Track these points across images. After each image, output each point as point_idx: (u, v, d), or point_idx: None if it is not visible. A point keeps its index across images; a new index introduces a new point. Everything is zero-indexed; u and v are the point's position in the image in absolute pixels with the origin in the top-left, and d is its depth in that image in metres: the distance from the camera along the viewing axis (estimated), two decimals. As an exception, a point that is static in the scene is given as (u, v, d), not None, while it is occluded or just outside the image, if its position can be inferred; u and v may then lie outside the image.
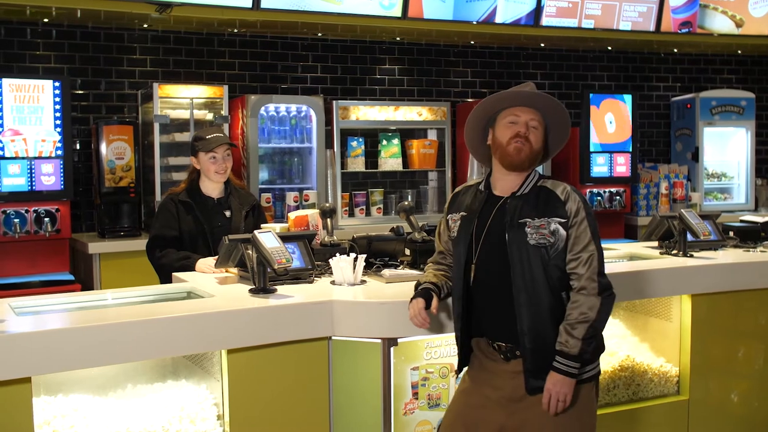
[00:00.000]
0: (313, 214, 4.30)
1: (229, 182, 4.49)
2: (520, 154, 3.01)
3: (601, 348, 3.08)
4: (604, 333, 4.37)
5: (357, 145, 7.69)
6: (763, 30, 8.98)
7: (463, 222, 3.13)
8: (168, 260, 4.24)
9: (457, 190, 3.30)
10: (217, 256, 3.78)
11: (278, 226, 4.21)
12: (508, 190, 3.07)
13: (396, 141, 7.87)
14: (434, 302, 3.14)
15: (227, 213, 4.43)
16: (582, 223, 2.95)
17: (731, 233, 5.05)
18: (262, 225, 4.33)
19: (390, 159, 7.84)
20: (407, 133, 8.04)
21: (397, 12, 7.28)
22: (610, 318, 4.50)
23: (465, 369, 3.20)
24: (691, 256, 4.51)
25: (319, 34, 7.79)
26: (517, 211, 3.00)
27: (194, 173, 4.46)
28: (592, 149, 8.16)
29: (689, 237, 4.55)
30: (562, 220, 2.95)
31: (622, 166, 8.30)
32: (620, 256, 4.82)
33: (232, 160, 4.48)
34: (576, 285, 2.93)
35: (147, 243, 4.37)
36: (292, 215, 4.35)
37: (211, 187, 4.44)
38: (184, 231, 4.32)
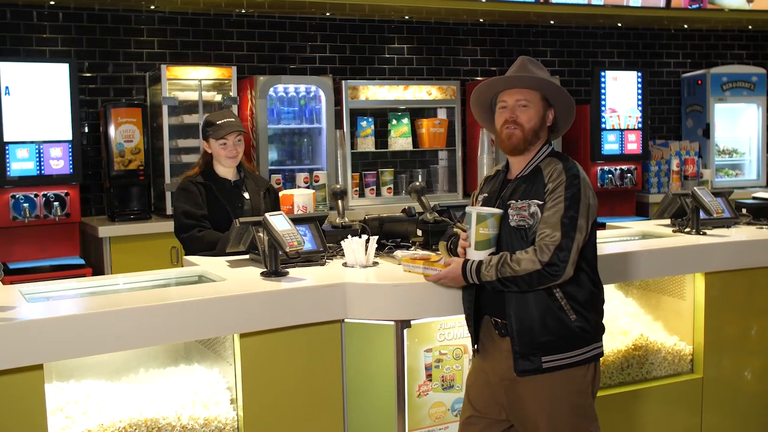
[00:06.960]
0: (306, 194, 4.26)
1: (241, 165, 4.45)
2: (512, 139, 3.04)
3: (600, 328, 3.06)
4: (617, 312, 4.41)
5: (367, 125, 7.65)
6: (774, 4, 8.87)
7: (483, 203, 3.17)
8: (216, 236, 4.11)
9: (488, 173, 3.32)
10: None
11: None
12: (515, 172, 3.12)
13: (406, 120, 7.82)
14: None
15: (245, 195, 4.40)
16: (557, 202, 2.90)
17: (744, 210, 5.01)
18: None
19: (400, 138, 7.80)
20: (417, 112, 7.99)
21: (405, -10, 7.21)
22: (623, 296, 4.52)
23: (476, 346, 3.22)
24: (704, 233, 4.48)
25: (328, 14, 7.73)
26: (510, 193, 3.05)
27: (207, 156, 4.42)
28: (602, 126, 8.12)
29: (702, 215, 4.52)
30: (540, 202, 2.94)
31: (633, 143, 8.24)
32: (633, 234, 4.80)
33: (244, 144, 4.43)
34: (536, 241, 2.90)
35: (178, 225, 4.25)
36: (280, 193, 4.33)
37: (224, 171, 4.41)
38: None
